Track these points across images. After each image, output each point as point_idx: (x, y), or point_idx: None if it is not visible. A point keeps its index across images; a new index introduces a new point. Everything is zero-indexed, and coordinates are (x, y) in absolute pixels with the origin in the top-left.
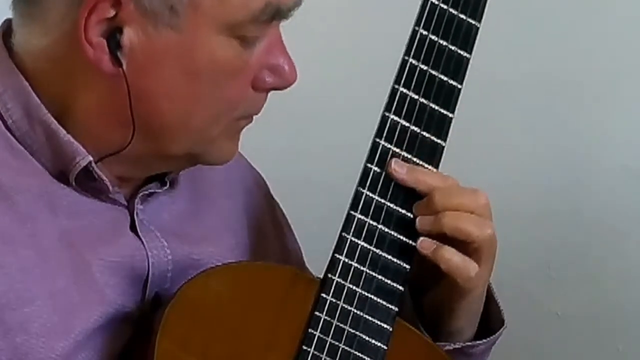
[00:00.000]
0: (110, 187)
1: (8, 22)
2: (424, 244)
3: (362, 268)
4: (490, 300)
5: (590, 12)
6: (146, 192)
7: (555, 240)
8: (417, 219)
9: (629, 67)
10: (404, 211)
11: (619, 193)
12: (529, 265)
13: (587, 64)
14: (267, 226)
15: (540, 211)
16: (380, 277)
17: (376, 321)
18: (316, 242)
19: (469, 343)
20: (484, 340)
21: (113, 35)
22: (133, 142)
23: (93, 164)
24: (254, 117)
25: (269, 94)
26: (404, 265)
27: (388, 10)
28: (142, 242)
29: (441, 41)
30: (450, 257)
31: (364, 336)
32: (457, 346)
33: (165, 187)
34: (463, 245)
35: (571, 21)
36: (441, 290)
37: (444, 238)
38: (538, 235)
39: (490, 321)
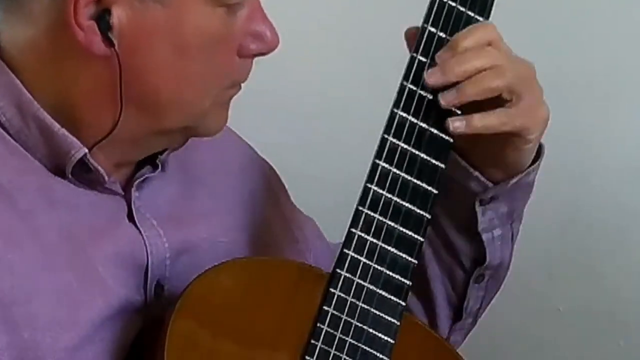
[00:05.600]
0: (106, 177)
1: None
2: (455, 124)
3: (370, 263)
4: None
5: (592, 12)
6: (141, 179)
7: (556, 236)
8: (441, 98)
9: (631, 66)
10: (412, 207)
11: (619, 190)
12: (530, 261)
13: (588, 63)
14: (265, 200)
15: (541, 208)
16: (388, 272)
17: (384, 316)
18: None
19: (526, 171)
20: (536, 165)
21: (102, 17)
22: (128, 122)
23: (88, 156)
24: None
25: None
26: (412, 260)
27: (398, 7)
28: (140, 232)
29: (449, 38)
30: (483, 120)
31: (371, 330)
32: (515, 180)
33: (158, 170)
34: (499, 97)
35: (573, 21)
36: (502, 152)
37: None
38: (539, 231)
39: None
